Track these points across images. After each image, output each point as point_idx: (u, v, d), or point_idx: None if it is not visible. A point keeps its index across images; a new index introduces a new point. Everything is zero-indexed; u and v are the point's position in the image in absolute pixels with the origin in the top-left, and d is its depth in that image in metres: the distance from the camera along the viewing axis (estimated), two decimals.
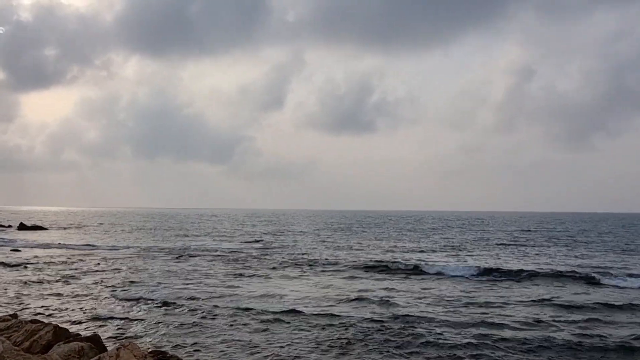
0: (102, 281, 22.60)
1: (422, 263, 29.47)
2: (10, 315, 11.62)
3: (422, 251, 39.42)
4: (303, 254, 34.85)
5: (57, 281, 22.50)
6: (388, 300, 18.37)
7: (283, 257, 32.32)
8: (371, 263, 29.48)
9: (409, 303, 18.12)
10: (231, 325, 14.62)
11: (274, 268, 27.85)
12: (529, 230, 76.10)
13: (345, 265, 28.73)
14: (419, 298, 19.23)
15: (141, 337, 13.11)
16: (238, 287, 21.48)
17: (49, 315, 15.36)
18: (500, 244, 47.96)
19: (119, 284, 21.94)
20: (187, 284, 21.90)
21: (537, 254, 37.58)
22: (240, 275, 25.06)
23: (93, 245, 42.40)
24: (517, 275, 25.35)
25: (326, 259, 31.84)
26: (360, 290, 20.64)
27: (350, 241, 49.74)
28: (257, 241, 49.42)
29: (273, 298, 18.96)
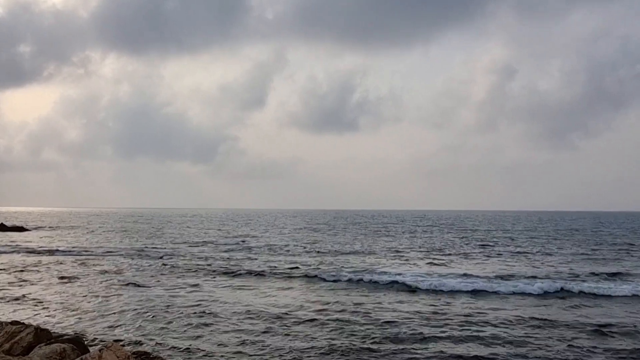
0: (83, 284, 22.37)
1: (398, 275, 24.30)
2: None
3: (398, 252, 39.55)
4: (272, 259, 31.91)
5: (38, 283, 22.20)
6: (347, 322, 15.17)
7: (256, 265, 32.06)
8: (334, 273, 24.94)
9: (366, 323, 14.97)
10: (204, 328, 14.59)
11: (238, 274, 26.72)
12: (531, 230, 76.83)
13: (313, 274, 25.02)
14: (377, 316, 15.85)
15: (124, 339, 13.00)
16: (214, 291, 21.42)
17: (30, 317, 15.15)
18: (481, 245, 48.35)
19: (101, 286, 21.72)
20: (167, 289, 21.79)
21: (532, 257, 37.46)
22: (217, 279, 24.99)
23: (74, 247, 41.84)
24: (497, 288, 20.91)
25: (295, 265, 28.44)
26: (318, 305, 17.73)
27: (330, 242, 49.76)
28: (235, 243, 49.22)
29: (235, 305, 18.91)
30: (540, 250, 40.59)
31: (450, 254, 36.22)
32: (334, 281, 23.26)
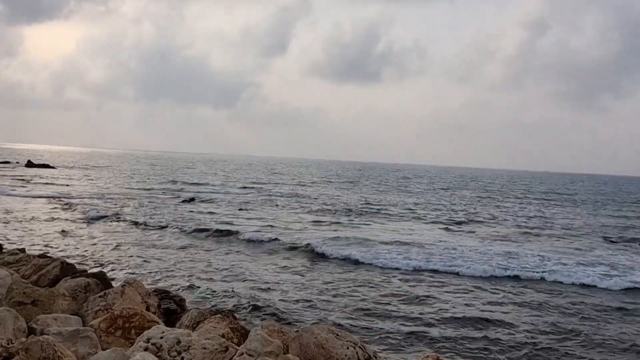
0: (108, 224, 22.98)
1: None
2: (19, 249, 11.92)
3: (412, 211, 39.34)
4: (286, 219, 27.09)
5: (68, 220, 22.90)
6: None
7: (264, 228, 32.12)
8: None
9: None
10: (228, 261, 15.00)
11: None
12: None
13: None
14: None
15: (145, 277, 13.46)
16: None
17: (56, 251, 15.72)
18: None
19: (127, 226, 22.31)
20: (194, 228, 22.28)
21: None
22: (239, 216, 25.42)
23: (102, 187, 42.78)
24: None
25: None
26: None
27: (350, 198, 49.73)
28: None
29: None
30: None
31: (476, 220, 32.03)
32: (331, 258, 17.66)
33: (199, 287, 12.73)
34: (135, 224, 22.62)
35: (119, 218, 23.99)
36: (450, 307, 12.20)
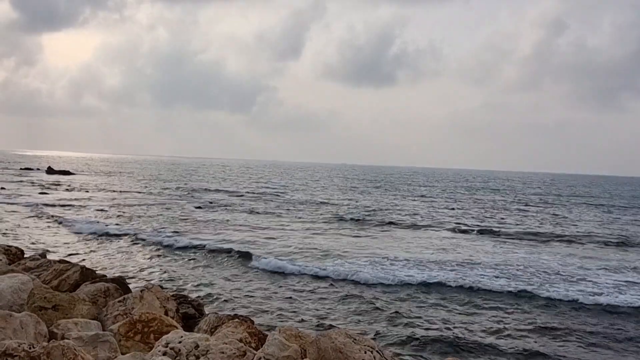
0: (128, 228, 23.19)
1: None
2: (39, 255, 12.08)
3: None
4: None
5: (85, 227, 23.16)
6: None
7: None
8: None
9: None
10: (245, 275, 15.03)
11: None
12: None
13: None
14: None
15: (164, 282, 13.57)
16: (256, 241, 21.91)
17: (76, 257, 15.92)
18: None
19: (145, 230, 22.51)
20: (208, 233, 22.42)
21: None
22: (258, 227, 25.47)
23: (123, 192, 43.26)
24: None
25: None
26: None
27: (360, 204, 49.38)
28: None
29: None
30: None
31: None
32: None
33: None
34: (150, 231, 22.71)
35: (134, 225, 24.20)
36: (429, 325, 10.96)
